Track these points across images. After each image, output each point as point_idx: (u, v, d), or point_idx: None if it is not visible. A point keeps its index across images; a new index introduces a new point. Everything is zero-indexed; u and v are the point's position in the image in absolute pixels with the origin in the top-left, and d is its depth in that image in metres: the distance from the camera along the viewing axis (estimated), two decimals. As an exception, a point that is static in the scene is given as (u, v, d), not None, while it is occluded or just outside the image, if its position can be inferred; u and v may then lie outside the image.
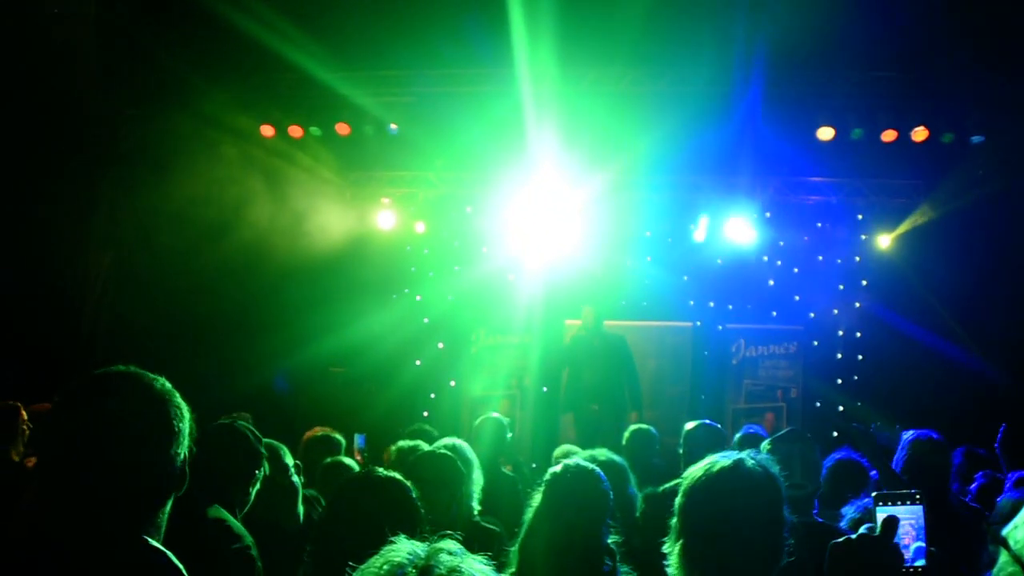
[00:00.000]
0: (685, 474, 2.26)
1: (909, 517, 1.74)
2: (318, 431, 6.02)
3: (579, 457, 4.62)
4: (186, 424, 1.88)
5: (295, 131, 10.75)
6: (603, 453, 4.44)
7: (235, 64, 9.98)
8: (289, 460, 3.99)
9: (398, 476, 2.88)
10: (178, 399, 1.90)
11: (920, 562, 1.73)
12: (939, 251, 10.10)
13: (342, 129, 10.72)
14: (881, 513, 1.74)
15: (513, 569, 3.10)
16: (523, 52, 9.62)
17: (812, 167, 10.87)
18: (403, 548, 1.23)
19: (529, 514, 3.20)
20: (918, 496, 1.75)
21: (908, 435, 4.62)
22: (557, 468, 3.21)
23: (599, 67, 10.40)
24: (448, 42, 9.67)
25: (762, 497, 2.11)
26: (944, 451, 4.53)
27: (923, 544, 1.74)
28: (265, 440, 3.70)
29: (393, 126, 10.74)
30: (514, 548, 3.16)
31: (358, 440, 7.62)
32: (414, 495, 2.86)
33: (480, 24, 9.38)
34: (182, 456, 1.85)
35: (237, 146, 10.10)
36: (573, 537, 3.00)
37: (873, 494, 1.77)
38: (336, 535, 2.61)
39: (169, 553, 1.79)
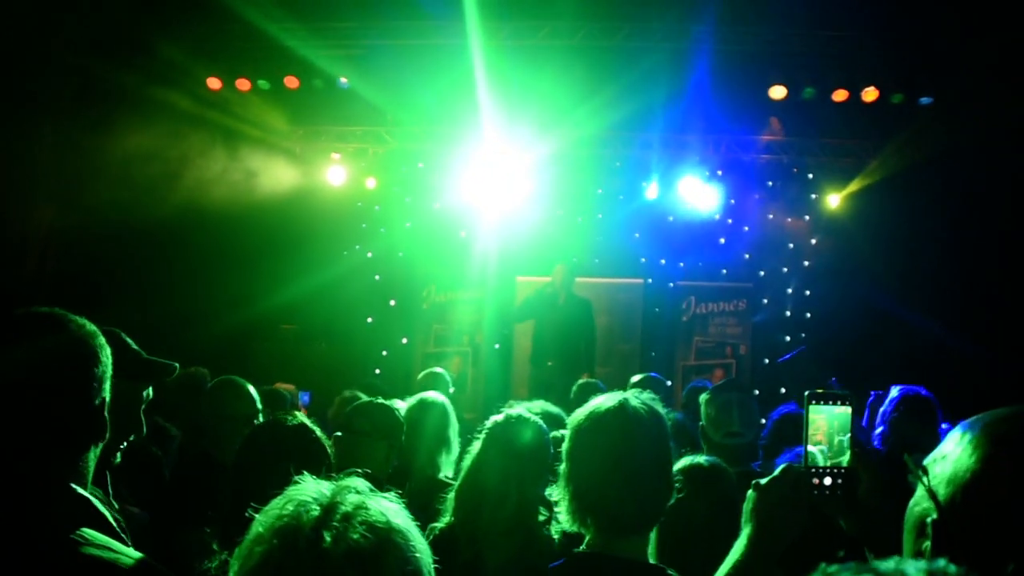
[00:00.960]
0: (571, 417, 2.25)
1: (838, 416, 1.78)
2: (268, 388, 5.99)
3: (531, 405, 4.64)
4: (105, 369, 1.82)
5: (243, 84, 10.52)
6: (541, 405, 4.43)
7: (183, 14, 9.71)
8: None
9: (307, 422, 2.86)
10: (99, 341, 1.83)
11: (844, 459, 1.76)
12: (887, 210, 10.23)
13: (291, 82, 10.52)
14: (813, 412, 1.78)
15: (448, 517, 3.08)
16: (474, 3, 9.51)
17: (763, 126, 10.90)
18: (308, 487, 1.21)
19: (467, 461, 3.17)
20: (848, 398, 1.79)
21: (894, 392, 4.57)
22: (498, 417, 3.19)
23: (552, 20, 10.30)
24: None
25: (646, 435, 2.10)
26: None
27: (845, 440, 1.78)
28: None
29: (343, 80, 10.55)
30: (450, 495, 3.14)
31: (302, 397, 7.60)
32: (324, 442, 2.85)
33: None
34: (98, 401, 1.79)
35: (183, 99, 9.86)
36: (508, 485, 2.98)
37: (806, 392, 1.80)
38: (242, 483, 2.62)
39: (94, 499, 1.75)
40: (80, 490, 1.74)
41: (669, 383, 10.15)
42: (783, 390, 10.33)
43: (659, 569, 2.10)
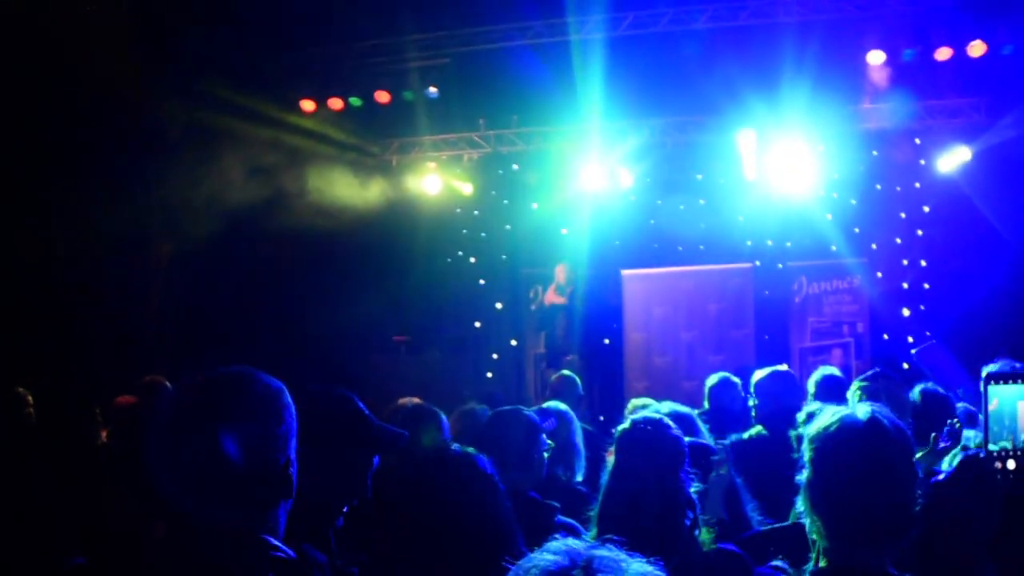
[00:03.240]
0: (814, 427, 2.18)
1: (1018, 397, 1.72)
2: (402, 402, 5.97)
3: (659, 406, 4.56)
4: (289, 428, 1.86)
5: (335, 103, 10.72)
6: (667, 405, 4.35)
7: (267, 40, 9.95)
8: None
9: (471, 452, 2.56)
10: (284, 400, 1.87)
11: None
12: (1003, 170, 9.75)
13: (381, 97, 10.67)
14: (992, 392, 1.72)
15: (594, 532, 2.99)
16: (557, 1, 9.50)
17: (863, 94, 10.51)
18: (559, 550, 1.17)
19: (605, 476, 3.12)
20: None
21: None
22: (625, 424, 3.13)
23: (633, 10, 10.18)
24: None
25: (901, 450, 2.07)
26: None
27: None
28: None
29: (432, 89, 10.65)
30: (594, 512, 3.07)
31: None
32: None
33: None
34: (283, 460, 1.83)
35: (279, 125, 10.09)
36: (647, 489, 2.91)
37: (984, 372, 1.73)
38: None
39: (284, 547, 1.79)
40: (275, 542, 1.78)
41: (786, 367, 9.98)
42: (905, 365, 10.00)
43: None
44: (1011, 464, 1.71)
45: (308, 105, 10.68)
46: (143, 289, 9.77)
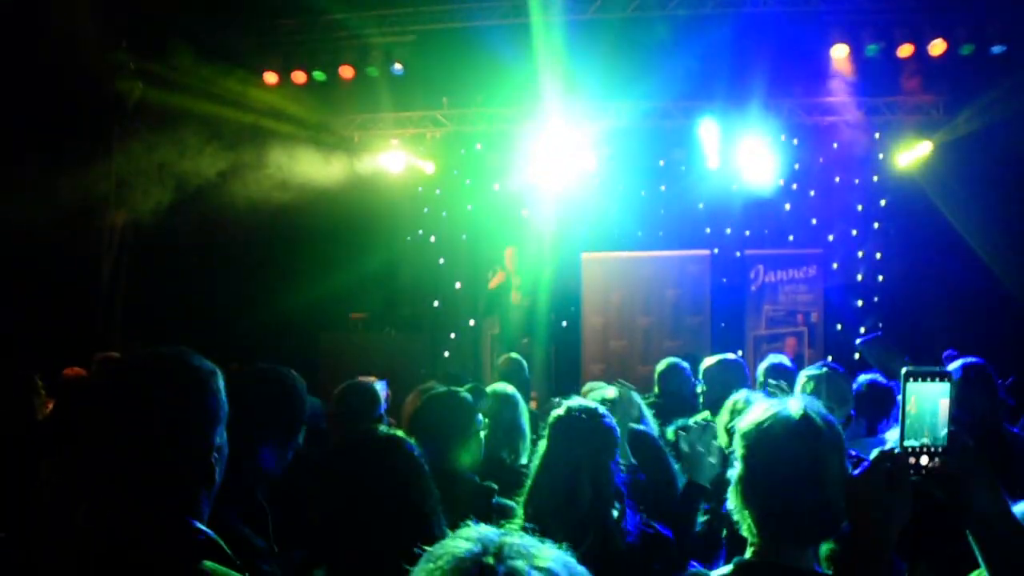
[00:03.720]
0: (744, 421, 2.18)
1: (936, 393, 1.74)
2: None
3: (606, 391, 4.58)
4: (214, 415, 1.84)
5: (298, 77, 10.60)
6: (614, 389, 4.37)
7: (232, 12, 9.80)
8: None
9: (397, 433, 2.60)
10: (212, 387, 1.85)
11: (942, 436, 1.74)
12: (960, 167, 9.90)
13: (345, 72, 10.56)
14: (911, 389, 1.77)
15: (520, 521, 2.94)
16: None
17: (826, 88, 10.61)
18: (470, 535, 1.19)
19: (535, 461, 3.07)
20: (946, 375, 1.76)
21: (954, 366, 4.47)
22: (559, 411, 3.09)
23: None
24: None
25: (831, 445, 2.06)
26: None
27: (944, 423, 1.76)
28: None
29: (398, 66, 10.57)
30: (521, 498, 3.02)
31: (380, 385, 7.65)
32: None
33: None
34: (203, 446, 1.82)
35: (240, 96, 9.96)
36: (577, 477, 2.89)
37: (903, 370, 1.77)
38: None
39: (212, 533, 1.79)
40: (199, 526, 1.78)
41: (740, 353, 10.10)
42: (856, 356, 10.17)
43: None
44: (924, 460, 1.75)
45: (271, 78, 10.54)
46: (95, 260, 9.63)
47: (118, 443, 1.76)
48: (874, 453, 1.79)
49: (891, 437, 2.25)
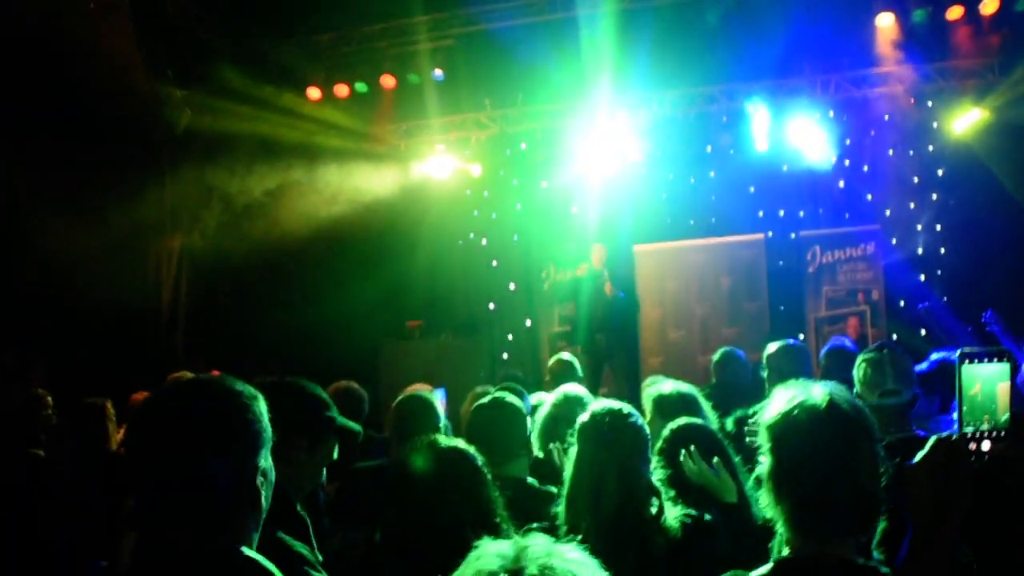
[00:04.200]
0: (769, 412, 2.14)
1: (995, 374, 1.70)
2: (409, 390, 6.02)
3: (662, 385, 4.56)
4: (255, 439, 1.85)
5: (341, 90, 10.71)
6: (671, 385, 4.36)
7: (271, 31, 9.94)
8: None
9: (461, 446, 2.72)
10: (252, 413, 1.87)
11: (1003, 419, 1.69)
12: (1017, 131, 9.59)
13: (387, 82, 10.65)
14: (967, 371, 1.71)
15: (564, 529, 2.96)
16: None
17: (873, 58, 10.36)
18: (490, 551, 1.21)
19: (568, 469, 3.10)
20: (1006, 354, 1.70)
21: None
22: (584, 416, 3.12)
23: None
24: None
25: (863, 432, 2.02)
26: None
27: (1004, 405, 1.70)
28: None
29: (438, 71, 10.62)
30: (560, 508, 3.04)
31: (439, 394, 7.69)
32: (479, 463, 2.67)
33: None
34: (248, 470, 1.82)
35: (284, 115, 10.09)
36: (606, 479, 2.91)
37: (957, 352, 1.72)
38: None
39: (263, 559, 1.81)
40: (249, 553, 1.80)
41: (802, 337, 9.94)
42: (923, 332, 9.93)
43: (873, 569, 2.03)
44: (986, 446, 1.70)
45: (314, 93, 10.68)
46: (155, 284, 9.85)
47: (162, 472, 1.77)
48: (931, 440, 1.74)
49: None
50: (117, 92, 8.53)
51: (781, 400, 2.11)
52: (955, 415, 1.76)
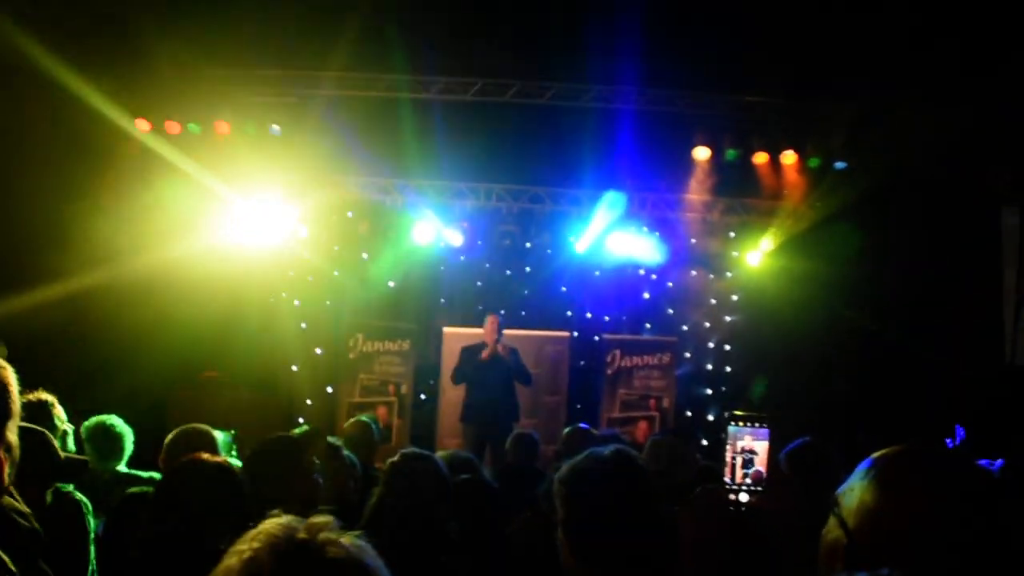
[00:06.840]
0: (566, 465, 2.27)
1: (756, 438, 1.91)
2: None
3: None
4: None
5: (172, 127, 10.44)
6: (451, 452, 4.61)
7: (111, 56, 9.60)
8: None
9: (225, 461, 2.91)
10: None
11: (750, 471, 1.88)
12: (803, 267, 10.59)
13: (221, 128, 10.49)
14: (733, 431, 1.90)
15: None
16: (403, 58, 9.78)
17: (687, 185, 11.24)
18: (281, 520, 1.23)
19: (371, 500, 3.20)
20: (765, 420, 1.90)
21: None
22: (395, 458, 3.24)
23: (484, 78, 10.57)
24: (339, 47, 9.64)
25: (647, 479, 2.19)
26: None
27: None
28: None
29: (275, 127, 10.59)
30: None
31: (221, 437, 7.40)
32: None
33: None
34: None
35: (112, 142, 9.71)
36: (412, 522, 3.01)
37: (726, 413, 1.91)
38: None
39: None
40: None
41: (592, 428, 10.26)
42: (704, 442, 10.53)
43: None
44: (743, 497, 1.89)
45: (143, 125, 10.33)
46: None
47: None
48: (697, 490, 1.91)
49: None
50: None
51: (575, 459, 2.25)
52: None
